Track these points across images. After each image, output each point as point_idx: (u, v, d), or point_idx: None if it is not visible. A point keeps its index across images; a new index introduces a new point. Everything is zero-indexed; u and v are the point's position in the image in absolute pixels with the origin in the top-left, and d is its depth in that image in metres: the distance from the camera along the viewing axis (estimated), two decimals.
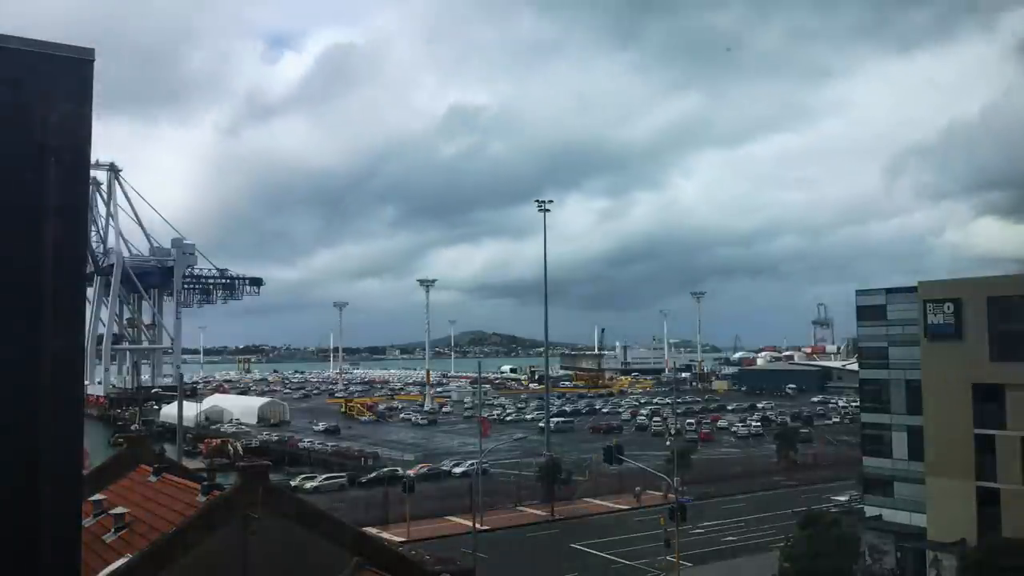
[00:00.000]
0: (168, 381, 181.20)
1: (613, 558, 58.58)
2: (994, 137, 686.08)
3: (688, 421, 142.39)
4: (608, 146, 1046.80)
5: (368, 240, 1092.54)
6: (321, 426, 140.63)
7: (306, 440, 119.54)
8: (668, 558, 52.68)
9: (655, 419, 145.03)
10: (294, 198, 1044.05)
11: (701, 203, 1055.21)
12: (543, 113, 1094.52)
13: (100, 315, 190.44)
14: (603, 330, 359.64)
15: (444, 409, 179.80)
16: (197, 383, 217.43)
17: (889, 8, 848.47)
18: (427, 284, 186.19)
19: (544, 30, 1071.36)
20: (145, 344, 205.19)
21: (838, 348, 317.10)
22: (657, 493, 75.38)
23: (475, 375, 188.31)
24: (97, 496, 25.13)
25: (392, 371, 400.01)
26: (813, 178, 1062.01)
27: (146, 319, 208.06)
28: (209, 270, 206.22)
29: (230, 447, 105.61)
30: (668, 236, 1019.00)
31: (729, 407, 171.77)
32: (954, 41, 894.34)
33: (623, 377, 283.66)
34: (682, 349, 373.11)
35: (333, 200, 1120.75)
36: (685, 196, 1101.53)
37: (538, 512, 73.59)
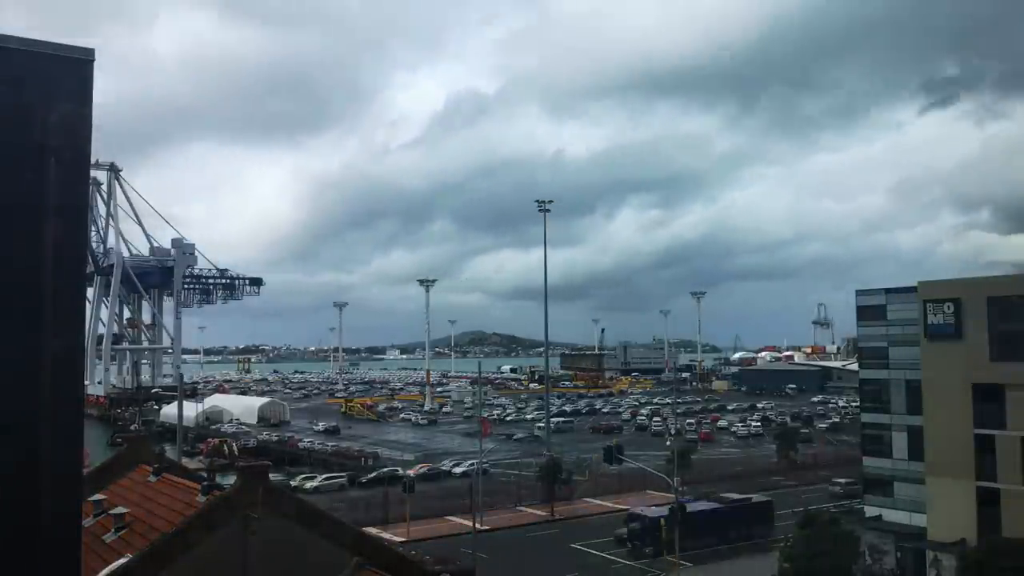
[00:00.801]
0: (168, 381, 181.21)
1: (613, 558, 58.59)
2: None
3: (688, 421, 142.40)
4: (671, 167, 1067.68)
5: (429, 247, 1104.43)
6: (321, 426, 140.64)
7: (306, 440, 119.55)
8: (668, 558, 52.70)
9: (655, 419, 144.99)
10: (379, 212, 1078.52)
11: (741, 214, 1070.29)
12: (615, 141, 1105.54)
13: (100, 315, 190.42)
14: (603, 330, 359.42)
15: (444, 409, 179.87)
16: (197, 383, 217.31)
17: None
18: (427, 284, 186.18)
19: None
20: (145, 344, 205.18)
21: (838, 348, 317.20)
22: (657, 493, 75.38)
23: (475, 375, 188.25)
24: (97, 496, 25.11)
25: (392, 371, 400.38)
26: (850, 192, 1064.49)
27: (146, 319, 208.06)
28: (209, 270, 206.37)
29: (226, 447, 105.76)
30: (701, 244, 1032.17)
31: (729, 407, 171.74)
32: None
33: (623, 377, 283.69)
34: (682, 349, 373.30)
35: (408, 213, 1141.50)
36: (730, 208, 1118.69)
37: (538, 512, 73.58)
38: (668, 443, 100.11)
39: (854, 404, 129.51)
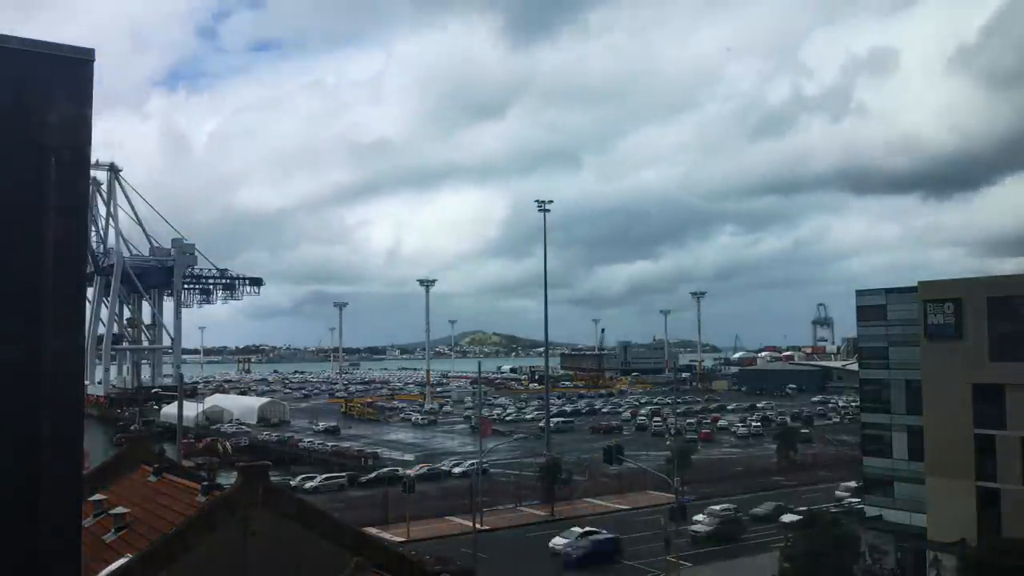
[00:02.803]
0: (168, 381, 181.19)
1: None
2: None
3: (688, 421, 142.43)
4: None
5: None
6: (321, 426, 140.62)
7: (306, 440, 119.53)
8: (668, 558, 52.68)
9: (655, 419, 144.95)
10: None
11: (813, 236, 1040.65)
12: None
13: (100, 315, 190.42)
14: (603, 330, 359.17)
15: (444, 409, 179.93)
16: (197, 383, 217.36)
17: None
18: (427, 284, 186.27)
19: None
20: (145, 344, 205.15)
21: (838, 348, 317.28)
22: (655, 493, 75.39)
23: (475, 375, 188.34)
24: (97, 496, 25.12)
25: (392, 371, 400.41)
26: None
27: (146, 319, 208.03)
28: (209, 270, 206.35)
29: (220, 446, 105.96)
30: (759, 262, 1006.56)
31: (729, 407, 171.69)
32: None
33: (623, 377, 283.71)
34: (682, 349, 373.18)
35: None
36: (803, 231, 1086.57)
37: (538, 512, 73.56)
38: (668, 443, 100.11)
39: (854, 404, 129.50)
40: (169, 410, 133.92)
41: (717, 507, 67.82)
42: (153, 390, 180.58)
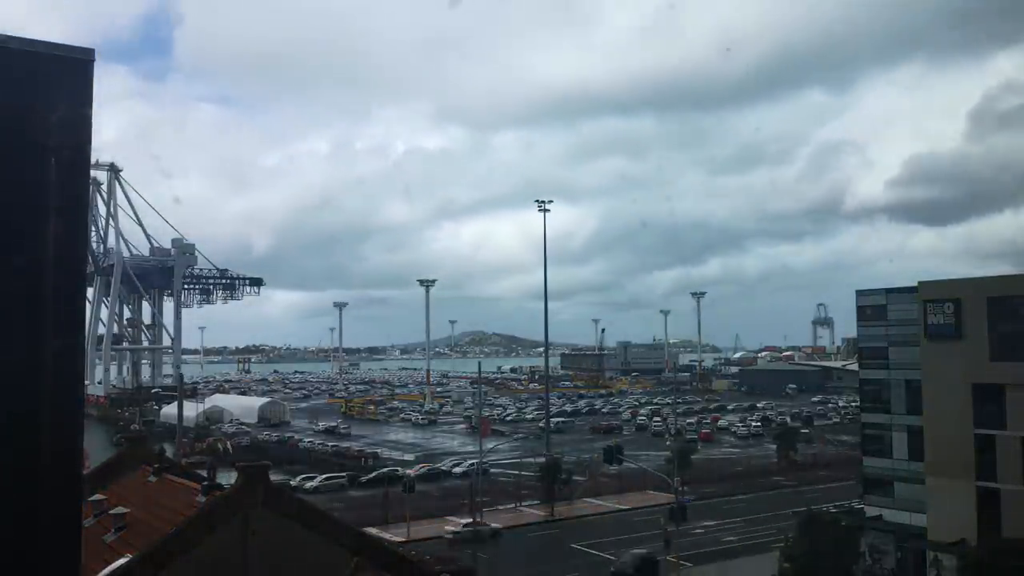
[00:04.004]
0: (168, 381, 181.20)
1: (613, 558, 58.53)
2: None
3: (688, 421, 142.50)
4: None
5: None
6: (321, 426, 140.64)
7: (306, 440, 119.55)
8: (668, 558, 52.70)
9: (655, 419, 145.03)
10: None
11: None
12: None
13: (100, 315, 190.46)
14: (603, 330, 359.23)
15: (444, 409, 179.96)
16: (197, 383, 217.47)
17: None
18: (427, 284, 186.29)
19: None
20: (145, 344, 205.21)
21: (838, 348, 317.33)
22: (655, 493, 75.40)
23: (475, 375, 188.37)
24: (97, 496, 25.11)
25: (392, 371, 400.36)
26: None
27: (146, 319, 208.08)
28: (209, 270, 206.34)
29: (220, 445, 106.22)
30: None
31: (729, 407, 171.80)
32: None
33: (623, 377, 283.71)
34: (682, 349, 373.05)
35: None
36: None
37: (538, 512, 73.60)
38: (668, 443, 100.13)
39: (854, 404, 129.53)
40: (169, 410, 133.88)
41: None
42: (153, 390, 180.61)
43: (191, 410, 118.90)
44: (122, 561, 19.92)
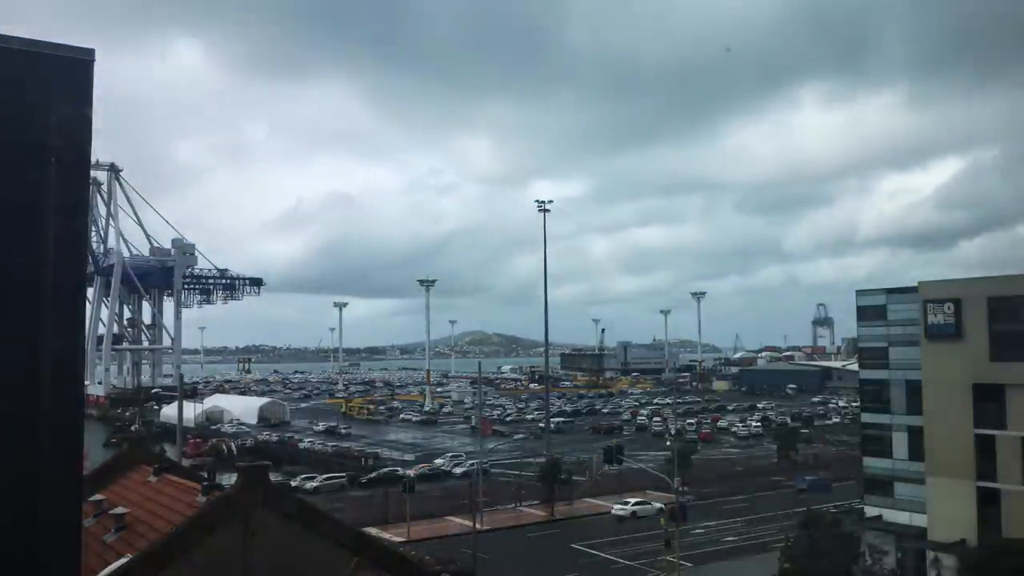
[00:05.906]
0: (168, 381, 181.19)
1: (613, 558, 58.53)
2: None
3: (688, 421, 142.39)
4: None
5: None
6: (321, 426, 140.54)
7: (306, 440, 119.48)
8: (668, 558, 52.66)
9: (655, 419, 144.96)
10: None
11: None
12: None
13: (100, 315, 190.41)
14: (603, 330, 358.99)
15: (444, 409, 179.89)
16: (197, 383, 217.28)
17: None
18: (427, 284, 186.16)
19: None
20: (145, 344, 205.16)
21: (838, 348, 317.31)
22: (655, 493, 75.36)
23: (475, 375, 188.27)
24: (97, 496, 25.09)
25: (392, 371, 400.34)
26: None
27: (146, 319, 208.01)
28: (209, 270, 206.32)
29: (224, 446, 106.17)
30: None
31: (729, 407, 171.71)
32: None
33: (623, 377, 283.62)
34: (683, 349, 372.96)
35: None
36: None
37: (538, 512, 73.54)
38: (668, 443, 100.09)
39: (854, 404, 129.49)
40: (169, 410, 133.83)
41: None
42: (153, 390, 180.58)
43: (191, 410, 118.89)
44: (122, 561, 19.92)
